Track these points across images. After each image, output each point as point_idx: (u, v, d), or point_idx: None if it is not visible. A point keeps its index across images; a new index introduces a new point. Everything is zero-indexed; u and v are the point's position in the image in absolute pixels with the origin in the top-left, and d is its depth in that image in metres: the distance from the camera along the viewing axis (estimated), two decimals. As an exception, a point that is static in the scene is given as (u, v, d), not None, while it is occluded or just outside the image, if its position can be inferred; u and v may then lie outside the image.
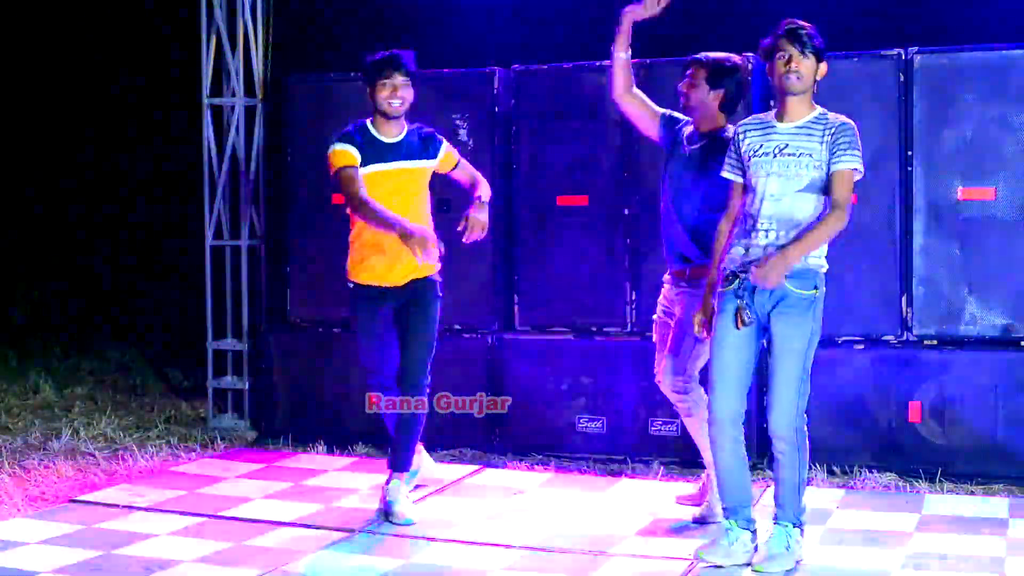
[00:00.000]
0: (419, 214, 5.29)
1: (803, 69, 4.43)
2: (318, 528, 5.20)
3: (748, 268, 4.42)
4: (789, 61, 4.43)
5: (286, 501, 5.63)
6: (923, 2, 7.03)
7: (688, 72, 5.12)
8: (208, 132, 7.49)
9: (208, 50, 7.43)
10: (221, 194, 7.48)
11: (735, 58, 5.14)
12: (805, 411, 4.51)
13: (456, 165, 5.49)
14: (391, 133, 5.29)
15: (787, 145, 4.46)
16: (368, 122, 5.32)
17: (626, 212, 6.34)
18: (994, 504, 5.43)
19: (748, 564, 4.54)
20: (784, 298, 4.44)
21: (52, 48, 10.74)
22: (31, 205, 11.08)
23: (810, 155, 4.43)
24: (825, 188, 4.43)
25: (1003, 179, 5.84)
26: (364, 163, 5.22)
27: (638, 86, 5.22)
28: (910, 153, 5.95)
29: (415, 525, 5.19)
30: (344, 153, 5.23)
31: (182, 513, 5.42)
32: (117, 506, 5.54)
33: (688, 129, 5.15)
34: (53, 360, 9.31)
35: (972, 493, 5.64)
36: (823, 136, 4.44)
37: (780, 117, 4.53)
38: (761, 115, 4.66)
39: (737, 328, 4.46)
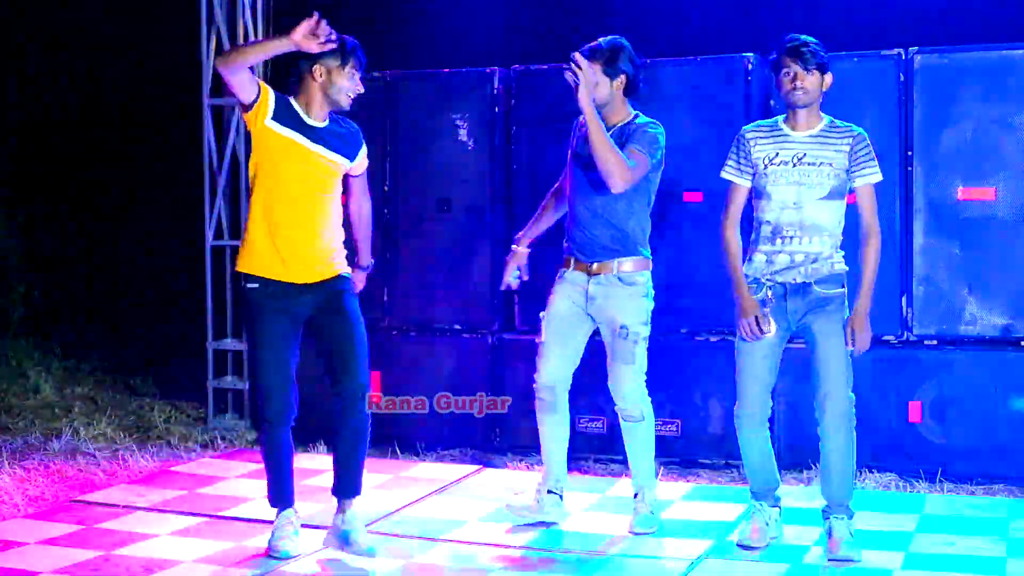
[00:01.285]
0: (329, 219, 4.72)
1: (808, 84, 4.57)
2: (318, 528, 5.19)
3: (775, 279, 4.62)
4: (795, 78, 4.57)
5: (286, 501, 5.63)
6: (923, 2, 7.03)
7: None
8: (208, 132, 7.49)
9: (208, 50, 7.43)
10: (221, 194, 7.48)
11: (617, 39, 5.01)
12: (853, 396, 4.66)
13: (360, 174, 4.96)
14: (319, 118, 4.69)
15: (805, 154, 4.61)
16: (291, 99, 4.68)
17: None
18: (994, 504, 5.43)
19: (774, 538, 4.84)
20: (819, 300, 4.61)
21: (52, 48, 10.73)
22: (30, 205, 11.06)
23: (830, 164, 4.59)
24: (842, 193, 4.60)
25: (1003, 179, 5.84)
26: (281, 122, 4.59)
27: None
28: (910, 153, 5.95)
29: (415, 526, 5.19)
30: (265, 88, 4.62)
31: (182, 513, 5.42)
32: (117, 506, 5.53)
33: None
34: (53, 360, 9.31)
35: (972, 493, 5.64)
36: (840, 145, 4.59)
37: (793, 127, 4.65)
38: (767, 121, 4.77)
39: (759, 336, 4.62)
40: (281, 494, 4.87)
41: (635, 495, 5.12)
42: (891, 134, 5.97)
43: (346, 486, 4.84)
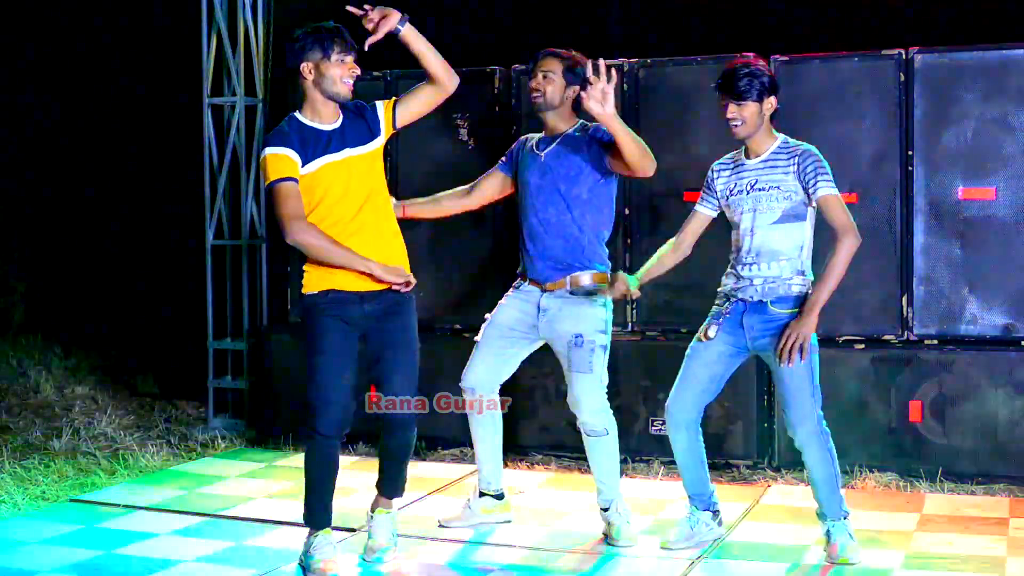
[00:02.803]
0: (384, 217, 4.56)
1: (744, 115, 4.55)
2: (318, 528, 5.20)
3: (736, 295, 4.68)
4: (728, 112, 4.56)
5: (286, 501, 5.63)
6: (923, 2, 7.04)
7: (542, 67, 4.91)
8: (209, 131, 7.49)
9: (209, 49, 7.43)
10: (221, 194, 7.49)
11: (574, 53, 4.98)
12: (820, 416, 4.61)
13: (395, 102, 4.61)
14: (329, 118, 4.47)
15: (756, 180, 4.62)
16: (296, 113, 4.48)
17: (626, 212, 6.33)
18: (995, 503, 5.43)
19: (717, 539, 4.85)
20: (775, 321, 4.60)
21: (52, 48, 10.73)
22: (30, 205, 11.07)
23: (778, 187, 4.58)
24: (799, 216, 4.58)
25: (1003, 179, 5.84)
26: (306, 160, 4.40)
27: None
28: (910, 153, 5.95)
29: (415, 526, 5.19)
30: (280, 159, 4.36)
31: (182, 513, 5.43)
32: (117, 505, 5.54)
33: (532, 141, 5.06)
34: (53, 360, 9.31)
35: (973, 493, 5.64)
36: (788, 167, 4.57)
37: (747, 155, 4.68)
38: (732, 154, 4.78)
39: (701, 340, 4.73)
40: (321, 513, 4.60)
41: (604, 509, 4.98)
42: (891, 134, 5.97)
43: (387, 487, 4.78)
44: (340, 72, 4.41)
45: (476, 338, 5.16)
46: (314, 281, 4.50)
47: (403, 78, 6.62)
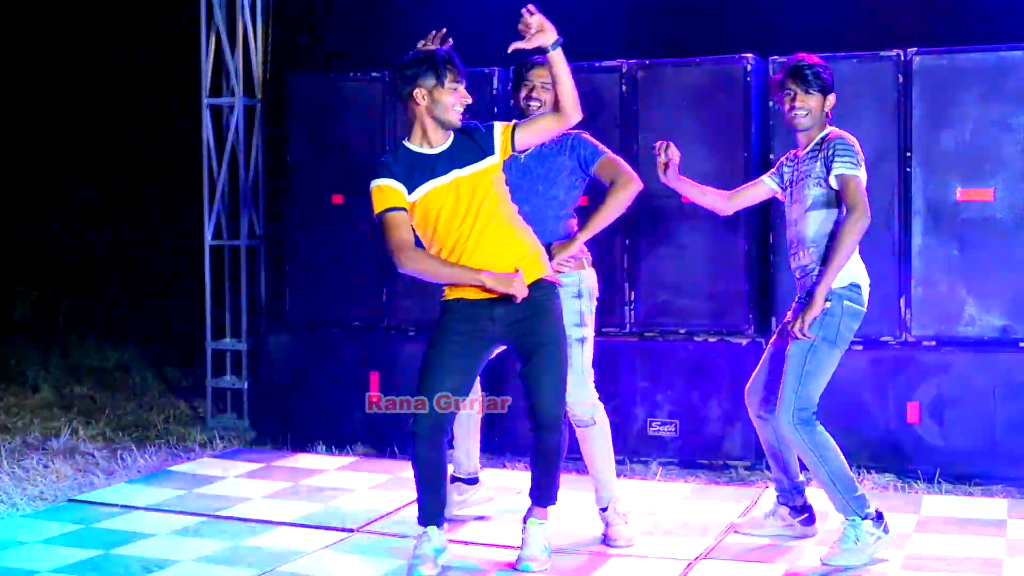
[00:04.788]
0: (503, 224, 4.48)
1: (807, 105, 4.64)
2: (317, 528, 5.20)
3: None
4: (794, 99, 4.64)
5: (285, 501, 5.64)
6: (923, 2, 7.04)
7: (540, 77, 4.91)
8: (208, 132, 7.50)
9: (208, 50, 7.44)
10: (221, 194, 7.49)
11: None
12: (804, 409, 4.58)
13: (515, 126, 4.53)
14: (438, 142, 4.48)
15: (797, 171, 4.73)
16: (405, 140, 4.52)
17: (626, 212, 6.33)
18: (992, 505, 5.44)
19: (799, 537, 4.86)
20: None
21: (52, 48, 10.74)
22: (30, 205, 11.07)
23: (810, 175, 4.65)
24: (827, 203, 4.60)
25: (1002, 180, 5.85)
26: (412, 187, 4.43)
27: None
28: (909, 154, 5.95)
29: (415, 526, 5.19)
30: (384, 191, 4.44)
31: (181, 513, 5.43)
32: (116, 505, 5.54)
33: None
34: (53, 360, 9.32)
35: (970, 494, 5.64)
36: (819, 154, 4.64)
37: (799, 147, 4.76)
38: (795, 150, 4.84)
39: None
40: (424, 510, 4.63)
41: (602, 509, 4.97)
42: (890, 135, 5.97)
43: (538, 494, 4.67)
44: (453, 100, 4.42)
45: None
46: (448, 289, 4.55)
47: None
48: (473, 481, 5.32)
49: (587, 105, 4.52)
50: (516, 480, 5.95)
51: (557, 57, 4.38)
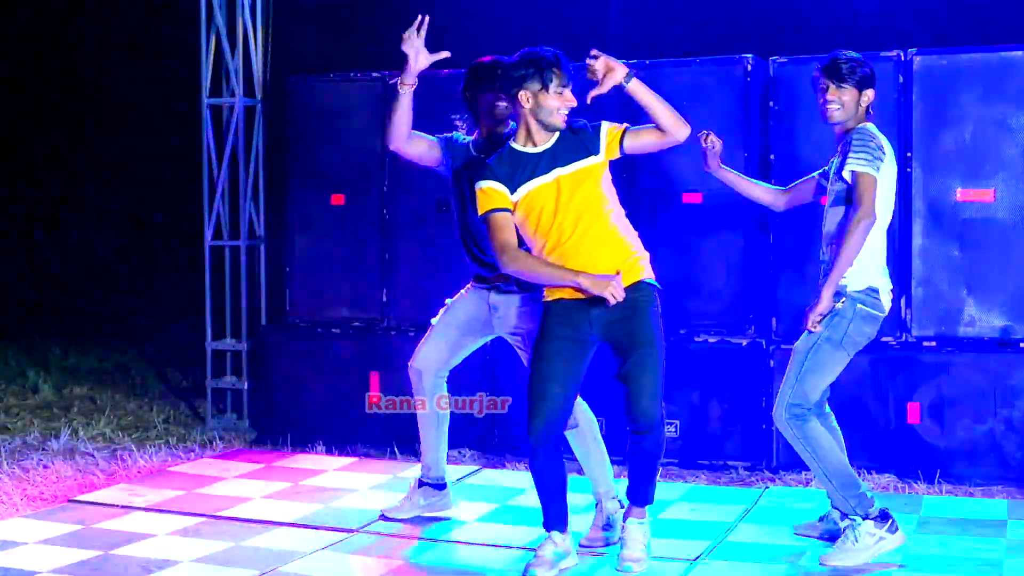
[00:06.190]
0: (605, 227, 4.48)
1: (840, 99, 4.61)
2: (317, 528, 5.20)
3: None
4: (826, 92, 4.63)
5: (285, 501, 5.63)
6: (923, 3, 7.04)
7: (512, 87, 4.73)
8: (208, 132, 7.49)
9: (208, 50, 7.43)
10: (221, 194, 7.49)
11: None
12: (798, 405, 4.59)
13: (625, 131, 4.51)
14: (542, 141, 4.48)
15: (832, 167, 4.71)
16: (511, 141, 4.53)
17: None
18: (992, 505, 5.44)
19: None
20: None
21: (52, 48, 10.74)
22: (30, 205, 11.08)
23: (838, 170, 4.63)
24: (847, 199, 4.59)
25: (1002, 180, 5.85)
26: (514, 187, 4.45)
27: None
28: (909, 154, 5.95)
29: (415, 526, 5.19)
30: (488, 193, 4.46)
31: (181, 513, 5.42)
32: (116, 506, 5.54)
33: (466, 142, 5.06)
34: (52, 360, 9.32)
35: (971, 494, 5.64)
36: (844, 148, 4.61)
37: (839, 142, 4.72)
38: None
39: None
40: (546, 515, 4.60)
41: (597, 504, 4.96)
42: (890, 135, 5.92)
43: (635, 495, 4.62)
44: (557, 104, 4.43)
45: (432, 320, 5.18)
46: (548, 290, 4.55)
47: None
48: (441, 487, 5.28)
49: (587, 105, 4.52)
50: (516, 480, 5.95)
51: (637, 88, 4.41)
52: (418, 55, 4.81)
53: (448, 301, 5.19)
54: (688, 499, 5.61)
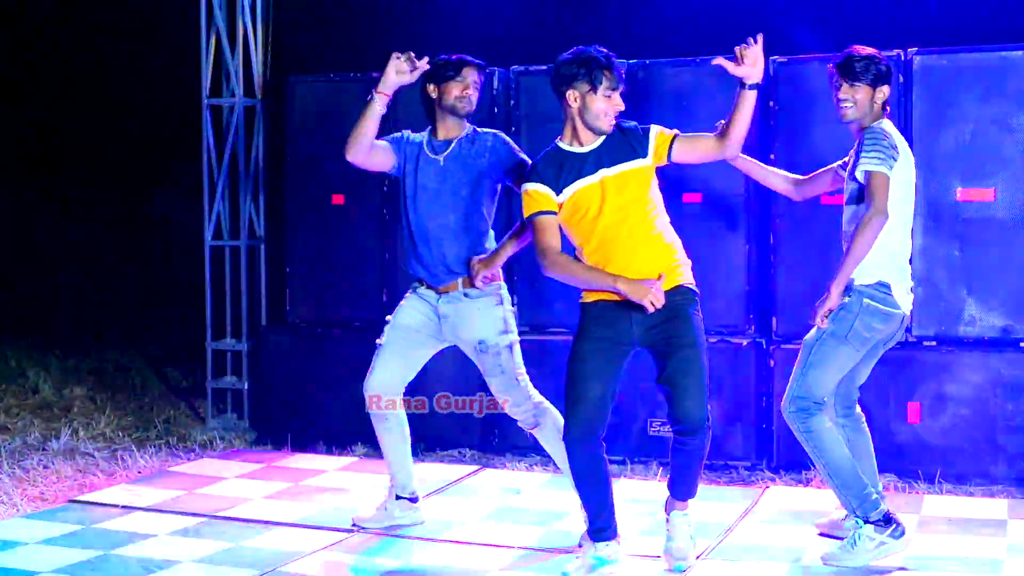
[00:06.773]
0: (650, 230, 4.43)
1: (853, 97, 4.60)
2: (317, 528, 5.20)
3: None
4: (839, 90, 4.61)
5: (285, 501, 5.64)
6: (923, 2, 7.03)
7: (472, 76, 4.90)
8: (208, 132, 7.49)
9: (208, 50, 7.44)
10: (221, 194, 7.49)
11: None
12: (802, 399, 4.59)
13: (675, 137, 4.50)
14: (588, 140, 4.44)
15: (847, 164, 4.71)
16: (558, 140, 4.49)
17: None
18: (992, 505, 5.44)
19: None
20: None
21: (52, 48, 10.74)
22: (30, 205, 11.07)
23: (852, 168, 4.62)
24: (860, 198, 4.58)
25: (1002, 180, 5.84)
26: (561, 188, 4.40)
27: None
28: (909, 154, 5.94)
29: (414, 526, 5.19)
30: (533, 196, 4.42)
31: (181, 513, 5.43)
32: (116, 506, 5.54)
33: (419, 140, 5.00)
34: (53, 360, 9.31)
35: (971, 494, 5.64)
36: (860, 147, 4.60)
37: (855, 139, 4.70)
38: None
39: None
40: (590, 524, 4.53)
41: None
42: (890, 135, 5.96)
43: (677, 489, 4.59)
44: (605, 107, 4.39)
45: (379, 340, 5.11)
46: (587, 291, 4.51)
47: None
48: (415, 499, 5.25)
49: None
50: (516, 480, 5.95)
51: (752, 97, 4.41)
52: (400, 75, 4.78)
53: (389, 317, 5.11)
54: (688, 499, 5.61)
